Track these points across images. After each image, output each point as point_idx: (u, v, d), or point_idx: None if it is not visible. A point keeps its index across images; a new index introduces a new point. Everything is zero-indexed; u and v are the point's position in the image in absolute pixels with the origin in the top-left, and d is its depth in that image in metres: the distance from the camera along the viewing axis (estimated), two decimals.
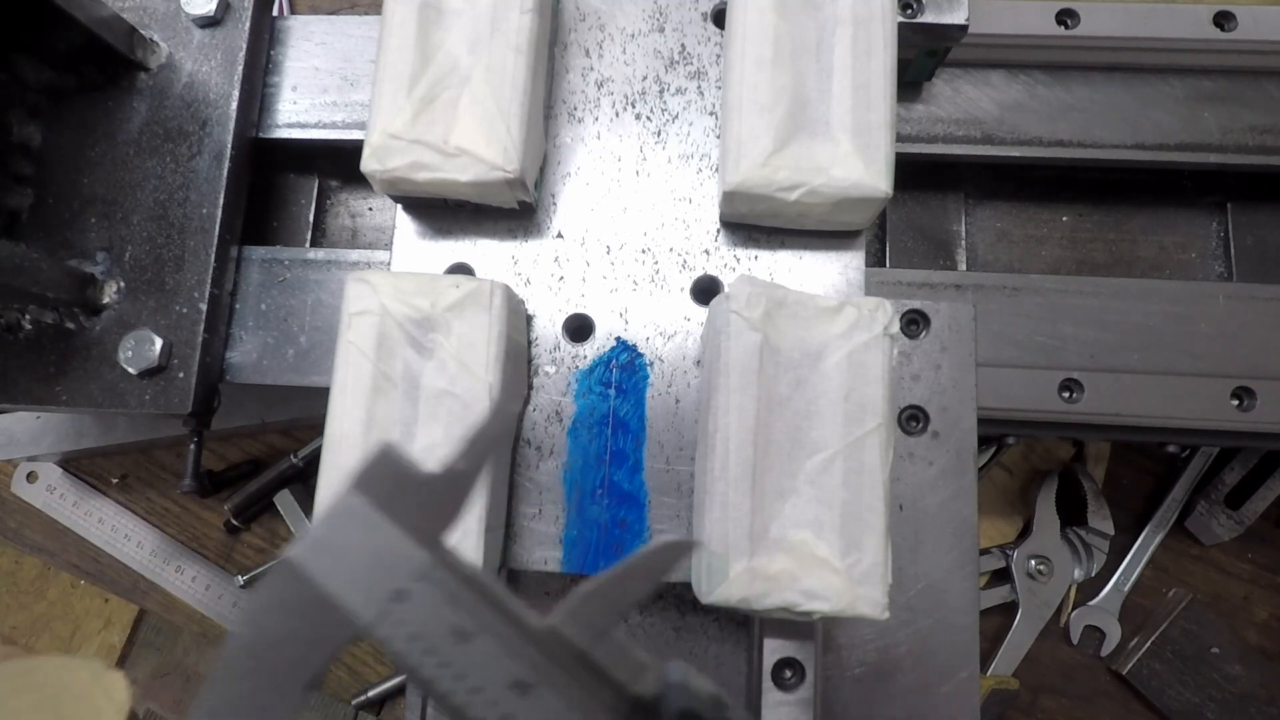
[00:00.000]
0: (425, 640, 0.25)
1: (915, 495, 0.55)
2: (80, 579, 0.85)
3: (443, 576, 0.26)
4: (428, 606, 0.25)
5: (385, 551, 0.26)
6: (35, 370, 0.56)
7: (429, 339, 0.47)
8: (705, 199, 0.56)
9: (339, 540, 0.26)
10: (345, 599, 0.25)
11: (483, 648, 0.25)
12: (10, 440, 0.78)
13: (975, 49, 0.63)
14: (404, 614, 0.25)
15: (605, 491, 0.52)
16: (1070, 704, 0.80)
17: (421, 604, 0.25)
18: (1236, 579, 0.82)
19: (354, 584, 0.25)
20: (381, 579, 0.25)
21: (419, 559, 0.26)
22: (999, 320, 0.61)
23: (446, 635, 0.25)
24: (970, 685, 0.53)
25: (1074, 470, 0.81)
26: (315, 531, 0.26)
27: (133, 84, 0.60)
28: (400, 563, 0.26)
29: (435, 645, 0.25)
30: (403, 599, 0.25)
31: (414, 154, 0.50)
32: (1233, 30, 0.63)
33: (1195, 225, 0.70)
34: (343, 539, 0.26)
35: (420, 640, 0.25)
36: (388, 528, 0.26)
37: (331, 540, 0.26)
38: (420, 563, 0.26)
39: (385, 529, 0.26)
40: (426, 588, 0.25)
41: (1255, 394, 0.59)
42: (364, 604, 0.25)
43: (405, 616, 0.25)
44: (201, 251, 0.57)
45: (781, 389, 0.46)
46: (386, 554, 0.26)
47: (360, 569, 0.25)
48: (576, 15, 0.59)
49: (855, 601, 0.43)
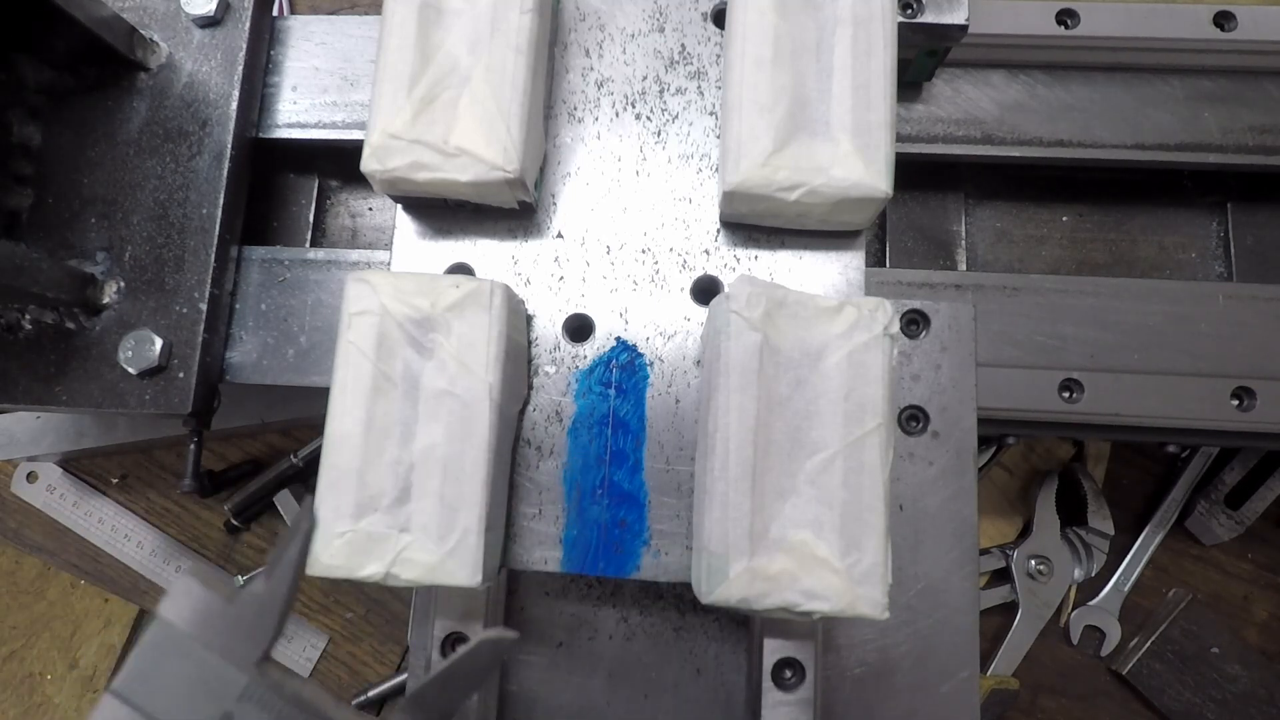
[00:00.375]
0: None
1: (915, 495, 0.55)
2: (80, 579, 0.85)
3: (264, 695, 0.26)
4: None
5: (205, 678, 0.26)
6: (35, 370, 0.56)
7: (429, 339, 0.47)
8: (705, 199, 0.56)
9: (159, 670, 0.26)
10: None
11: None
12: (10, 440, 0.78)
13: (975, 49, 0.63)
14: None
15: (605, 491, 0.52)
16: (1070, 704, 0.80)
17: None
18: (1236, 579, 0.82)
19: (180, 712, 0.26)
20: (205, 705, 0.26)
21: (238, 682, 0.26)
22: (999, 320, 0.61)
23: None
24: (970, 685, 0.53)
25: (1074, 470, 0.81)
26: (134, 664, 0.27)
27: (133, 84, 0.60)
28: (221, 687, 0.26)
29: None
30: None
31: (414, 154, 0.50)
32: (1233, 30, 0.63)
33: (1195, 225, 0.70)
34: (163, 669, 0.26)
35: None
36: (204, 654, 0.26)
37: (152, 671, 0.26)
38: (240, 685, 0.26)
39: (202, 656, 0.26)
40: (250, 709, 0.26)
41: (1255, 394, 0.59)
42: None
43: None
44: (201, 251, 0.57)
45: (781, 389, 0.46)
46: (207, 680, 0.26)
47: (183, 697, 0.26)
48: (576, 15, 0.59)
49: (855, 601, 0.43)
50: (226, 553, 0.85)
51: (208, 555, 0.84)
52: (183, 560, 0.84)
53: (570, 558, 0.51)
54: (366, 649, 0.83)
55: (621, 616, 0.58)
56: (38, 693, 0.84)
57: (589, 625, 0.58)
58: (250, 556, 0.84)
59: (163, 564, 0.84)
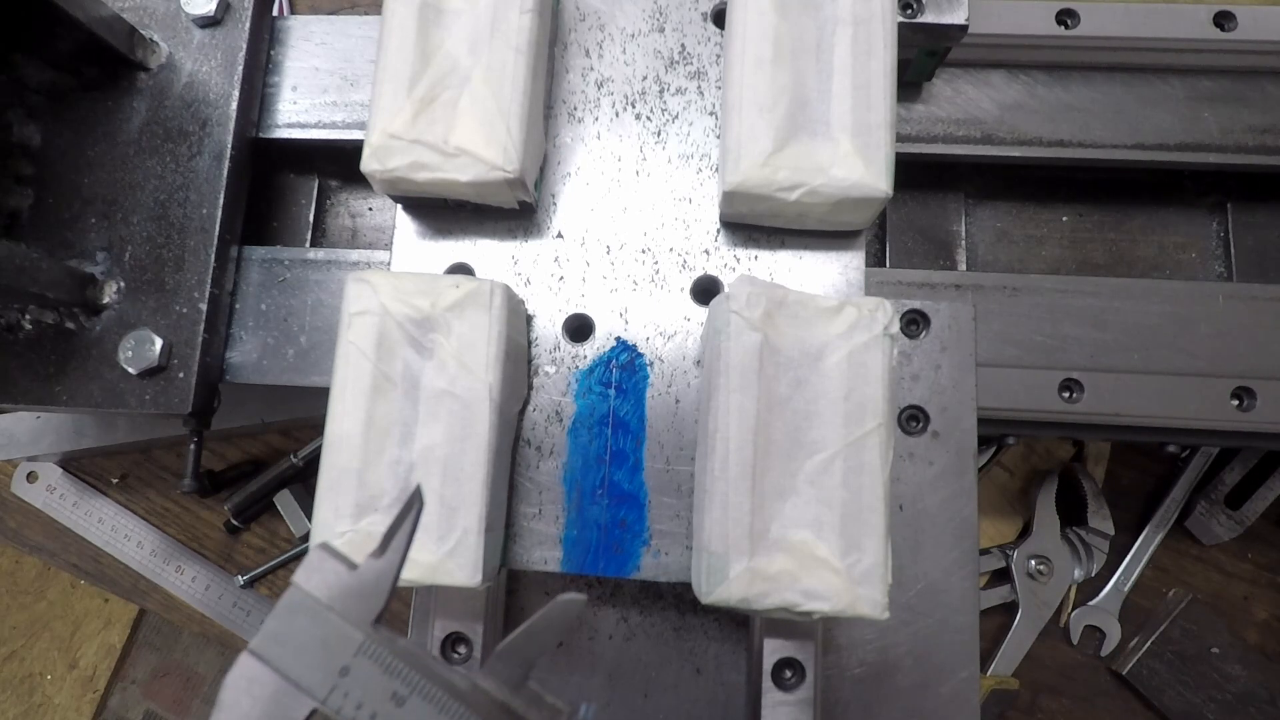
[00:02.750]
0: (369, 706, 0.30)
1: (915, 495, 0.55)
2: (80, 579, 0.85)
3: (378, 651, 0.31)
4: (368, 677, 0.31)
5: (329, 636, 0.31)
6: (35, 370, 0.56)
7: (429, 339, 0.47)
8: (705, 199, 0.56)
9: (290, 630, 0.31)
10: (301, 679, 0.31)
11: (417, 708, 0.30)
12: (10, 440, 0.78)
13: (975, 49, 0.63)
14: (349, 685, 0.30)
15: (605, 491, 0.52)
16: (1070, 704, 0.80)
17: (362, 675, 0.31)
18: (1236, 579, 0.82)
19: (306, 665, 0.31)
20: (328, 659, 0.31)
21: (356, 638, 0.31)
22: (999, 320, 0.61)
23: (386, 700, 0.30)
24: (970, 685, 0.53)
25: (1074, 470, 0.81)
26: (269, 625, 0.32)
27: (133, 84, 0.60)
28: (341, 644, 0.31)
29: (378, 710, 0.30)
30: (347, 673, 0.31)
31: (414, 154, 0.50)
32: (1233, 30, 0.63)
33: (1195, 225, 0.70)
34: (293, 629, 0.31)
35: (365, 707, 0.30)
36: (329, 615, 0.31)
37: (284, 631, 0.31)
38: (358, 642, 0.31)
39: (327, 617, 0.31)
40: (365, 662, 0.31)
41: (1255, 394, 0.59)
42: (317, 681, 0.31)
43: (350, 687, 0.30)
44: (201, 251, 0.57)
45: (781, 389, 0.46)
46: (330, 638, 0.31)
47: (309, 653, 0.31)
48: (576, 15, 0.59)
49: (855, 601, 0.43)
50: (226, 553, 0.85)
51: (208, 555, 0.84)
52: (183, 560, 0.84)
53: (570, 558, 0.51)
54: None
55: (621, 616, 0.58)
56: (38, 693, 0.84)
57: (589, 625, 0.58)
58: (250, 556, 0.84)
59: (163, 564, 0.84)
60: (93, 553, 0.85)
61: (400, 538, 0.32)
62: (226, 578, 0.83)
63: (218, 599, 0.83)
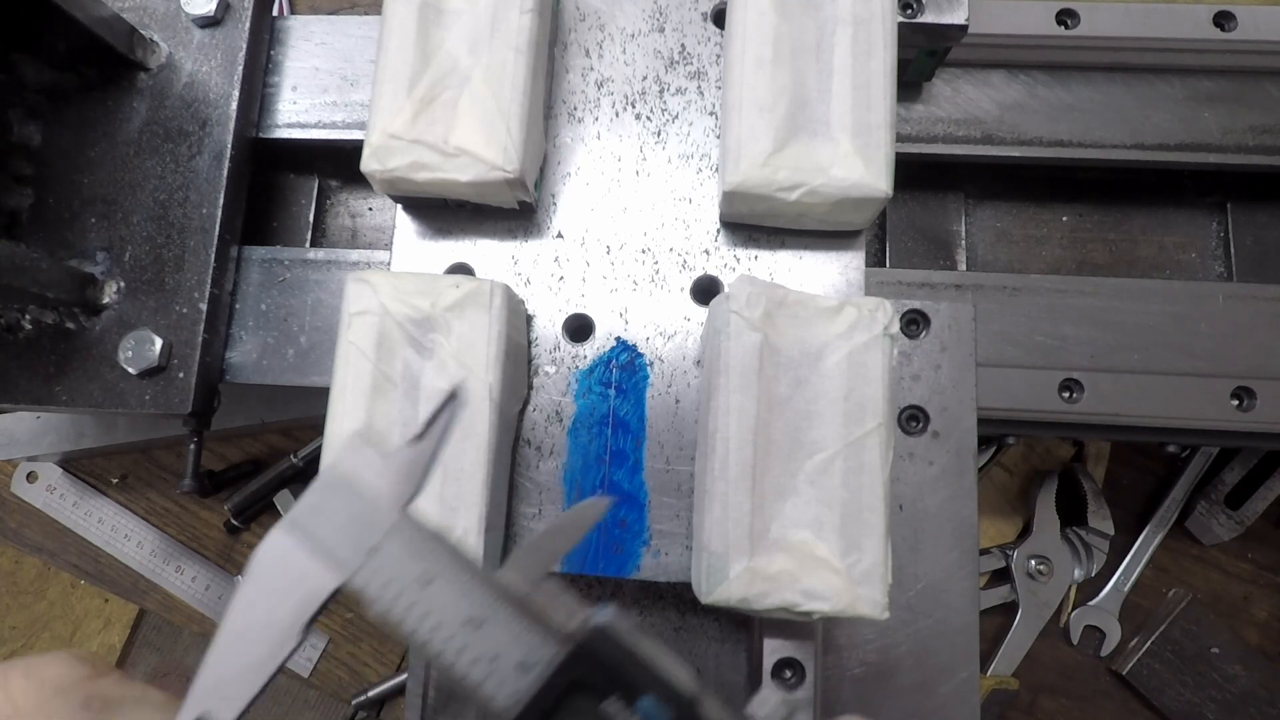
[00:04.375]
0: (396, 585, 0.30)
1: (915, 495, 0.54)
2: (80, 579, 0.85)
3: (408, 532, 0.31)
4: (397, 557, 0.31)
5: (361, 514, 0.32)
6: (35, 370, 0.56)
7: (429, 339, 0.47)
8: (705, 199, 0.56)
9: (325, 505, 0.32)
10: (333, 550, 0.31)
11: (442, 590, 0.30)
12: (10, 440, 0.78)
13: (975, 49, 0.63)
14: (378, 563, 0.31)
15: (605, 491, 0.52)
16: (1070, 704, 0.80)
17: (392, 555, 0.31)
18: (1236, 579, 0.82)
19: (339, 539, 0.31)
20: (359, 536, 0.31)
21: (388, 519, 0.31)
22: (999, 320, 0.61)
23: (413, 581, 0.30)
24: (970, 685, 0.53)
25: (1074, 470, 0.81)
26: (306, 498, 0.32)
27: (133, 84, 0.60)
28: (374, 523, 0.31)
29: (404, 589, 0.30)
30: (377, 552, 0.31)
31: (414, 154, 0.50)
32: (1233, 30, 0.63)
33: (1195, 225, 0.70)
34: (328, 504, 0.32)
35: (392, 585, 0.30)
36: (361, 495, 0.32)
37: (319, 505, 0.32)
38: (389, 523, 0.31)
39: (361, 497, 0.32)
40: (396, 542, 0.31)
41: (1255, 394, 0.59)
42: (348, 555, 0.31)
43: (379, 565, 0.31)
44: (201, 251, 0.57)
45: (781, 389, 0.46)
46: (363, 516, 0.32)
47: (343, 528, 0.31)
48: (576, 15, 0.59)
49: (855, 601, 0.43)
50: (226, 553, 0.85)
51: (207, 555, 0.84)
52: (183, 560, 0.84)
53: (570, 558, 0.51)
54: (366, 649, 0.83)
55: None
56: None
57: None
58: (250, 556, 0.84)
59: (163, 564, 0.84)
60: (93, 553, 0.85)
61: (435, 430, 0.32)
62: (226, 578, 0.83)
63: (218, 599, 0.83)
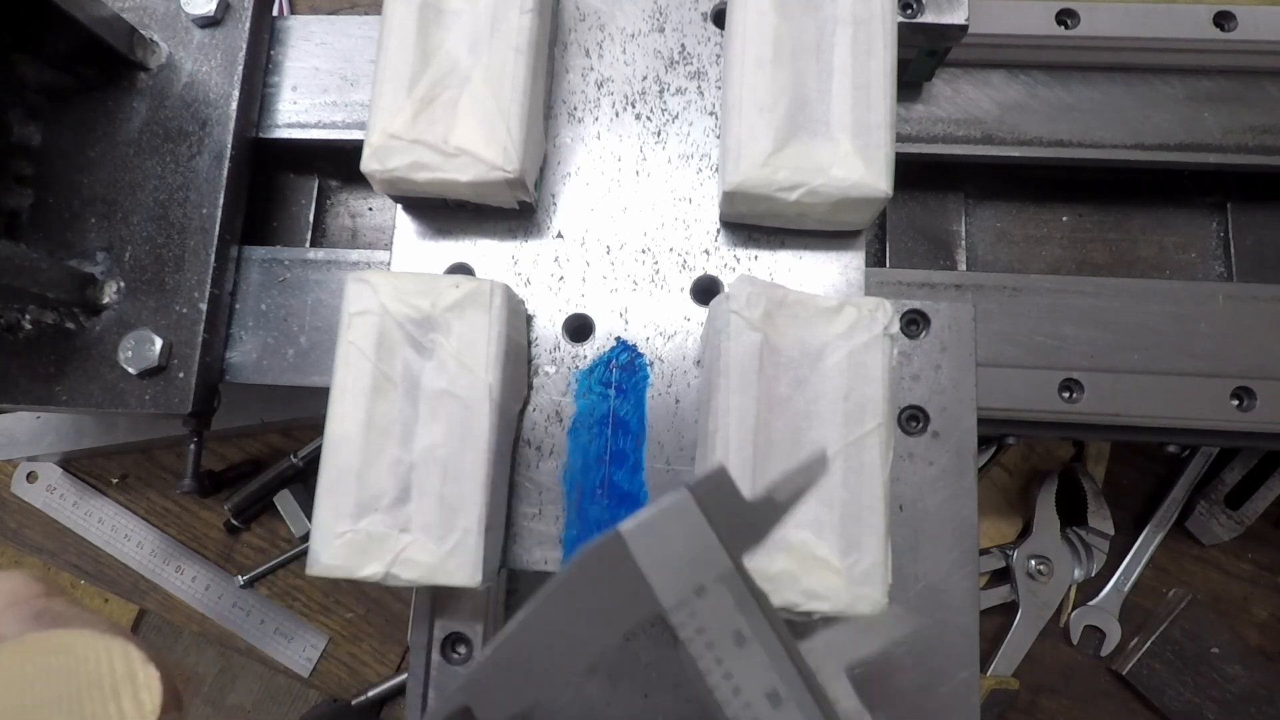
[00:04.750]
0: (710, 634, 0.29)
1: (915, 495, 0.54)
2: (80, 579, 0.85)
3: (738, 585, 0.29)
4: (720, 607, 0.29)
5: (701, 550, 0.29)
6: (35, 370, 0.56)
7: (429, 339, 0.47)
8: (705, 199, 0.56)
9: (664, 529, 0.30)
10: (655, 580, 0.29)
11: (753, 655, 0.29)
12: (10, 440, 0.78)
13: (975, 49, 0.63)
14: (699, 607, 0.29)
15: (605, 491, 0.52)
16: (1070, 704, 0.80)
17: (715, 603, 0.29)
18: (1236, 579, 0.82)
19: (666, 569, 0.29)
20: (689, 572, 0.29)
21: (725, 564, 0.29)
22: (999, 320, 0.60)
23: (728, 636, 0.29)
24: (970, 685, 0.53)
25: (1074, 470, 0.81)
26: (647, 515, 0.30)
27: (133, 84, 0.60)
28: (709, 562, 0.29)
29: (715, 642, 0.29)
30: (701, 595, 0.29)
31: (414, 154, 0.50)
32: (1233, 30, 0.63)
33: (1195, 225, 0.70)
34: (667, 529, 0.30)
35: (705, 634, 0.29)
36: (706, 531, 0.29)
37: (658, 527, 0.30)
38: (724, 568, 0.29)
39: (704, 531, 0.29)
40: (723, 590, 0.29)
41: (1255, 394, 0.59)
42: (670, 589, 0.29)
43: (699, 610, 0.29)
44: (201, 251, 0.57)
45: (781, 389, 0.46)
46: (699, 552, 0.29)
47: (674, 558, 0.29)
48: (576, 15, 0.59)
49: (855, 601, 0.43)
50: (227, 553, 0.85)
51: (207, 555, 0.84)
52: (183, 560, 0.84)
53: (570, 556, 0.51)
54: (366, 649, 0.83)
55: None
56: None
57: None
58: (250, 556, 0.84)
59: (163, 564, 0.84)
60: (93, 553, 0.85)
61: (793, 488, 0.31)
62: (226, 578, 0.83)
63: (218, 599, 0.83)
